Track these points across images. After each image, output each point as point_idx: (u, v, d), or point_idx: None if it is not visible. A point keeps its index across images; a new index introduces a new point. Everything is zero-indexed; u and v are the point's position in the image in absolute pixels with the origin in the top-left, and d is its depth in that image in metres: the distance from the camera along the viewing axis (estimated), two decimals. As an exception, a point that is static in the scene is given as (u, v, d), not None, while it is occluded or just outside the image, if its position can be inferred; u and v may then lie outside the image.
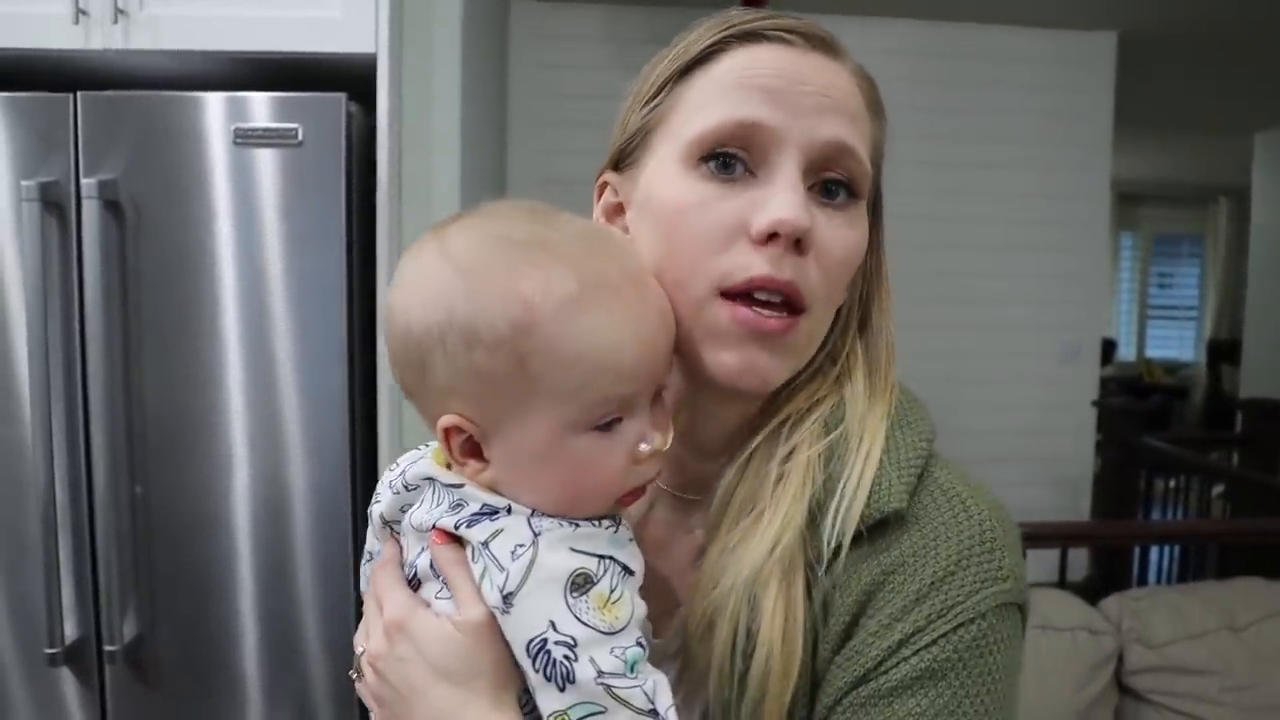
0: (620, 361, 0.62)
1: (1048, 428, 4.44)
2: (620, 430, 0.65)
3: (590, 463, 0.64)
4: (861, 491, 0.67)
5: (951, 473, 0.71)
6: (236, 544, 1.90)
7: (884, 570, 0.66)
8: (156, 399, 1.86)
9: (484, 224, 0.66)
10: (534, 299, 0.61)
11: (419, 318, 0.64)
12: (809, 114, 0.68)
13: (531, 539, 0.63)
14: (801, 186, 0.67)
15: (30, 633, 1.86)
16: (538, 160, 3.94)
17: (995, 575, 0.65)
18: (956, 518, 0.67)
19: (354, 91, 1.88)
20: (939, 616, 0.63)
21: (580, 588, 0.62)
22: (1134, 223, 9.28)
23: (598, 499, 0.66)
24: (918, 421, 0.73)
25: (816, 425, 0.72)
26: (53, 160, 1.80)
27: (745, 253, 0.66)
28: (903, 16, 4.12)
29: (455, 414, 0.65)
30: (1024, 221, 4.34)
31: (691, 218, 0.68)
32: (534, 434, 0.63)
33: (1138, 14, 4.08)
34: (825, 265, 0.68)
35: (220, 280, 1.85)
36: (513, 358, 0.61)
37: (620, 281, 0.64)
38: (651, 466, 0.67)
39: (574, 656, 0.60)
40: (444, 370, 0.63)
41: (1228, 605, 2.24)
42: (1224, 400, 7.90)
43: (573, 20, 3.98)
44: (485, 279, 0.62)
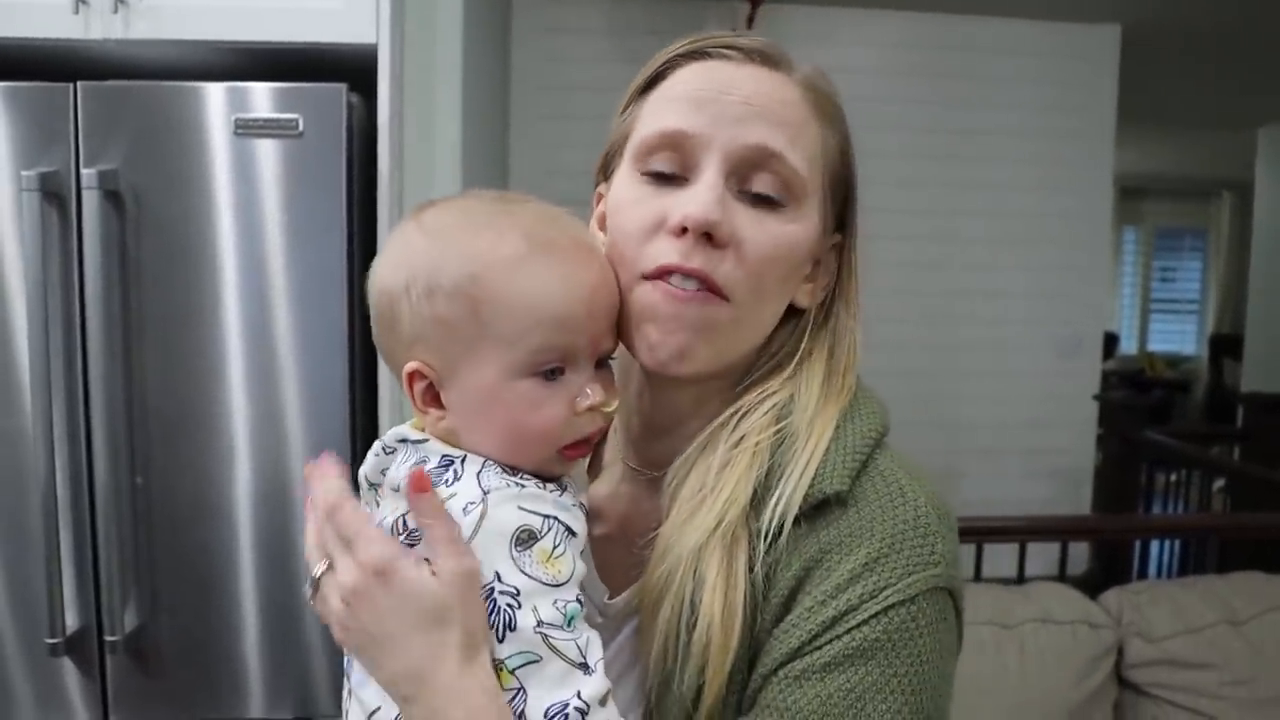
0: (560, 311, 0.70)
1: (1049, 421, 4.44)
2: (562, 381, 0.72)
3: (532, 407, 0.71)
4: (807, 474, 0.71)
5: (896, 462, 0.75)
6: (237, 534, 1.90)
7: (821, 548, 0.70)
8: (157, 389, 1.86)
9: (455, 201, 0.76)
10: (487, 252, 0.70)
11: (390, 274, 0.73)
12: (731, 121, 0.74)
13: (481, 497, 0.68)
14: (719, 186, 0.73)
15: (31, 623, 1.86)
16: (540, 152, 3.94)
17: (928, 560, 0.69)
18: (894, 501, 0.71)
19: (355, 82, 1.88)
20: (871, 597, 0.67)
21: (524, 543, 0.67)
22: (1137, 217, 9.27)
23: (540, 446, 0.72)
24: (870, 415, 0.78)
25: (768, 415, 0.77)
26: (53, 150, 1.80)
27: (663, 243, 0.74)
28: (904, 9, 4.11)
29: (417, 360, 0.72)
30: (1026, 215, 4.33)
31: (627, 212, 0.77)
32: (483, 377, 0.71)
33: (1141, 7, 4.07)
34: (746, 258, 0.73)
35: (221, 271, 1.85)
36: (466, 304, 0.69)
37: (567, 247, 0.72)
38: (591, 421, 0.73)
39: (517, 604, 0.66)
40: (408, 320, 0.72)
41: (1227, 599, 2.24)
42: (1226, 394, 7.90)
43: (575, 12, 3.97)
44: (447, 239, 0.72)
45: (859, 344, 0.82)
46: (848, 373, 0.80)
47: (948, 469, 4.13)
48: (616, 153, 0.82)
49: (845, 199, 0.82)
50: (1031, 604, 2.19)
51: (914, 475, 0.74)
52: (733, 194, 0.74)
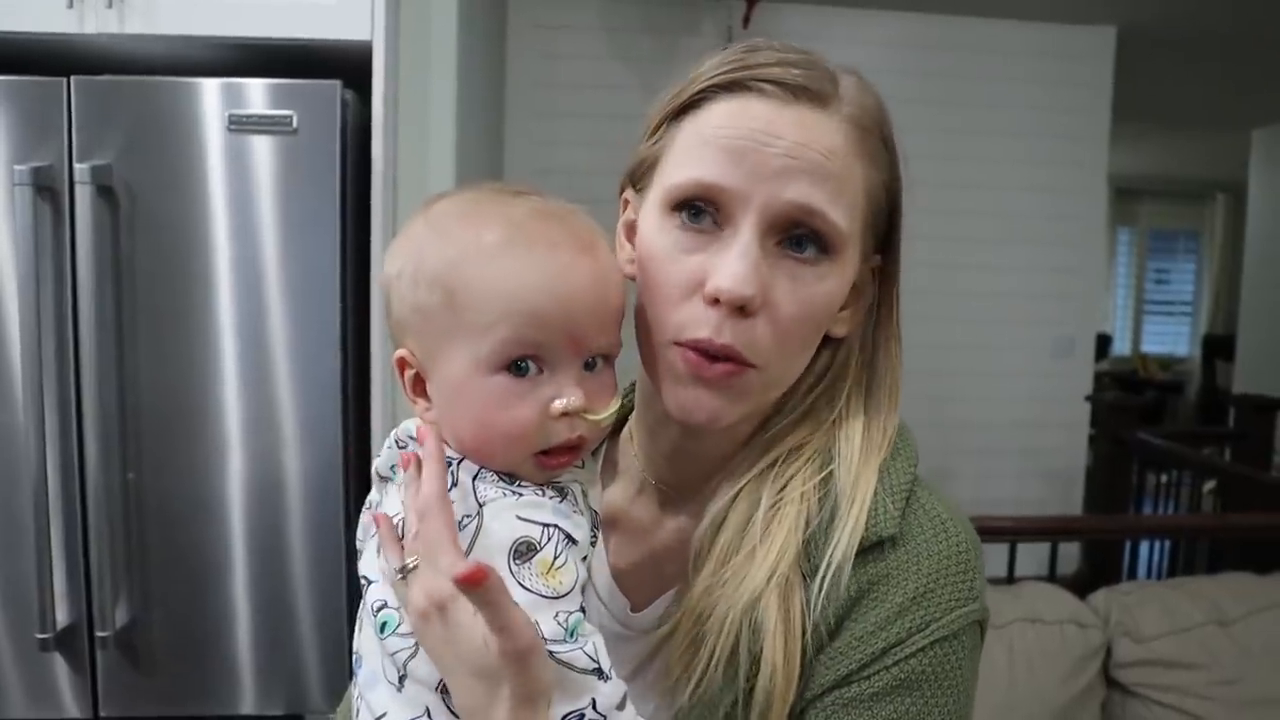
0: (531, 304, 0.67)
1: (1041, 421, 4.45)
2: (537, 381, 0.69)
3: (501, 405, 0.69)
4: (859, 522, 0.72)
5: (933, 495, 0.76)
6: (229, 530, 1.90)
7: (870, 580, 0.71)
8: (150, 385, 1.86)
9: (469, 191, 0.75)
10: (469, 240, 0.69)
11: (389, 261, 0.74)
12: (771, 176, 0.70)
13: (476, 510, 0.68)
14: (754, 251, 0.70)
15: (22, 618, 1.86)
16: (535, 150, 3.94)
17: (968, 595, 0.72)
18: (937, 537, 0.73)
19: (349, 79, 1.88)
20: (918, 631, 0.70)
21: (524, 555, 0.66)
22: (1131, 218, 9.28)
23: (509, 448, 0.70)
24: (905, 449, 0.79)
25: (811, 464, 0.77)
26: (46, 145, 1.80)
27: (697, 309, 0.71)
28: (900, 9, 4.11)
29: (404, 348, 0.73)
30: (1020, 216, 4.34)
31: (661, 267, 0.73)
32: (454, 369, 0.70)
33: (1136, 9, 4.08)
34: (778, 322, 0.71)
35: (214, 267, 1.85)
36: (442, 292, 0.69)
37: (558, 242, 0.69)
38: (566, 427, 0.70)
39: None
40: (398, 307, 0.72)
41: (1216, 600, 2.25)
42: (1218, 395, 7.91)
43: (570, 10, 3.97)
44: (442, 227, 0.71)
45: (900, 373, 0.81)
46: (890, 412, 0.80)
47: (940, 468, 4.14)
48: (646, 172, 0.79)
49: (890, 224, 0.79)
50: (1020, 604, 2.20)
51: (950, 507, 0.76)
52: (769, 250, 0.72)
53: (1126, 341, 9.52)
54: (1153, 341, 9.58)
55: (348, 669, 1.92)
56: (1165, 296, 9.61)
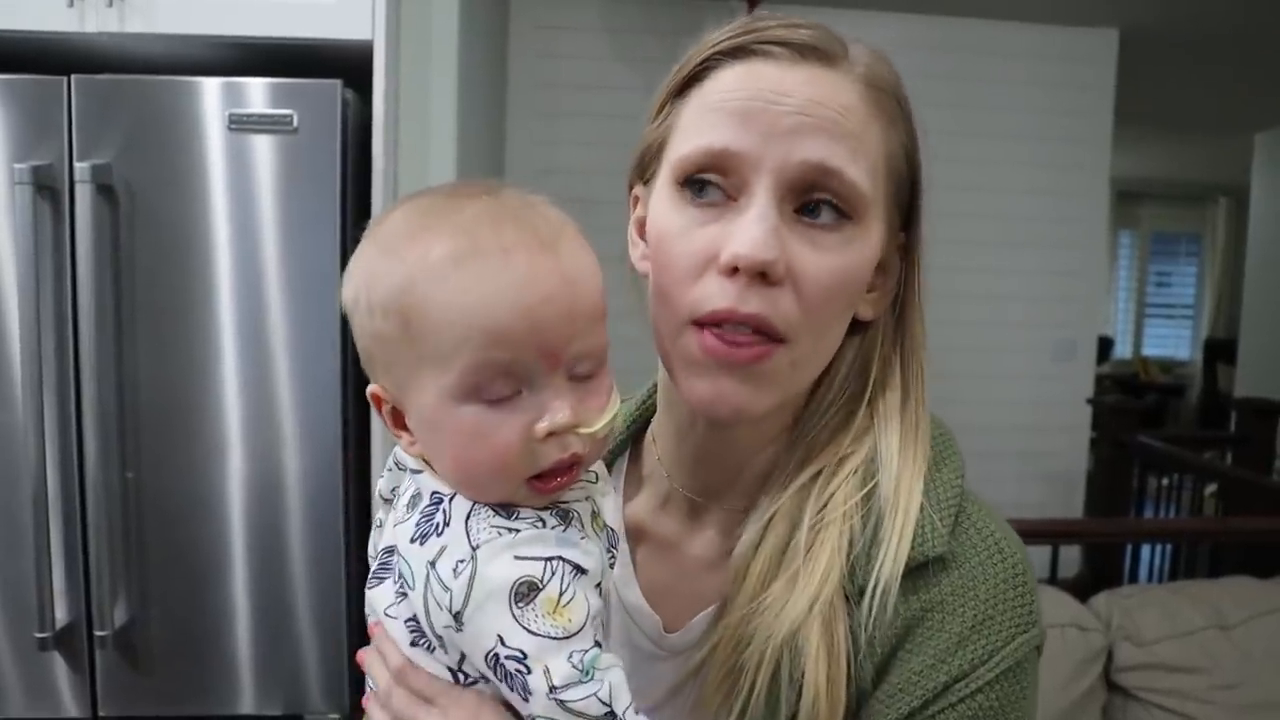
0: (493, 323, 0.60)
1: (1042, 424, 4.44)
2: (515, 404, 0.62)
3: (478, 435, 0.62)
4: (905, 539, 0.67)
5: (983, 511, 0.72)
6: (228, 529, 1.90)
7: (923, 606, 0.67)
8: (149, 384, 1.86)
9: (414, 199, 0.67)
10: (417, 259, 0.61)
11: (345, 287, 0.67)
12: (783, 136, 0.65)
13: (470, 554, 0.61)
14: (771, 215, 0.65)
15: (21, 617, 1.85)
16: (535, 150, 3.94)
17: (1028, 620, 0.68)
18: (992, 558, 0.68)
19: (350, 79, 1.88)
20: (981, 663, 0.66)
21: (525, 596, 0.60)
22: (1132, 221, 9.28)
23: (495, 480, 0.63)
24: (951, 458, 0.74)
25: (852, 479, 0.72)
26: (46, 144, 1.79)
27: (714, 283, 0.66)
28: (902, 11, 4.11)
29: (377, 382, 0.67)
30: (1022, 218, 4.34)
31: (672, 245, 0.69)
32: (426, 402, 0.63)
33: (1140, 11, 4.08)
34: (804, 293, 0.66)
35: (214, 266, 1.85)
36: (399, 319, 0.62)
37: (513, 247, 0.61)
38: (557, 447, 0.63)
39: (527, 669, 0.59)
40: (359, 337, 0.66)
41: (1217, 604, 2.24)
42: (1219, 399, 7.91)
43: (571, 10, 3.97)
44: (389, 245, 0.64)
45: (924, 361, 0.77)
46: (921, 405, 0.75)
47: (941, 471, 4.13)
48: (653, 159, 0.74)
49: (912, 196, 0.75)
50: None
51: (1000, 523, 0.72)
52: (788, 216, 0.66)
53: (1128, 345, 9.52)
54: (1154, 345, 9.57)
55: (345, 669, 1.92)
56: (1167, 300, 9.61)
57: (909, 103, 0.73)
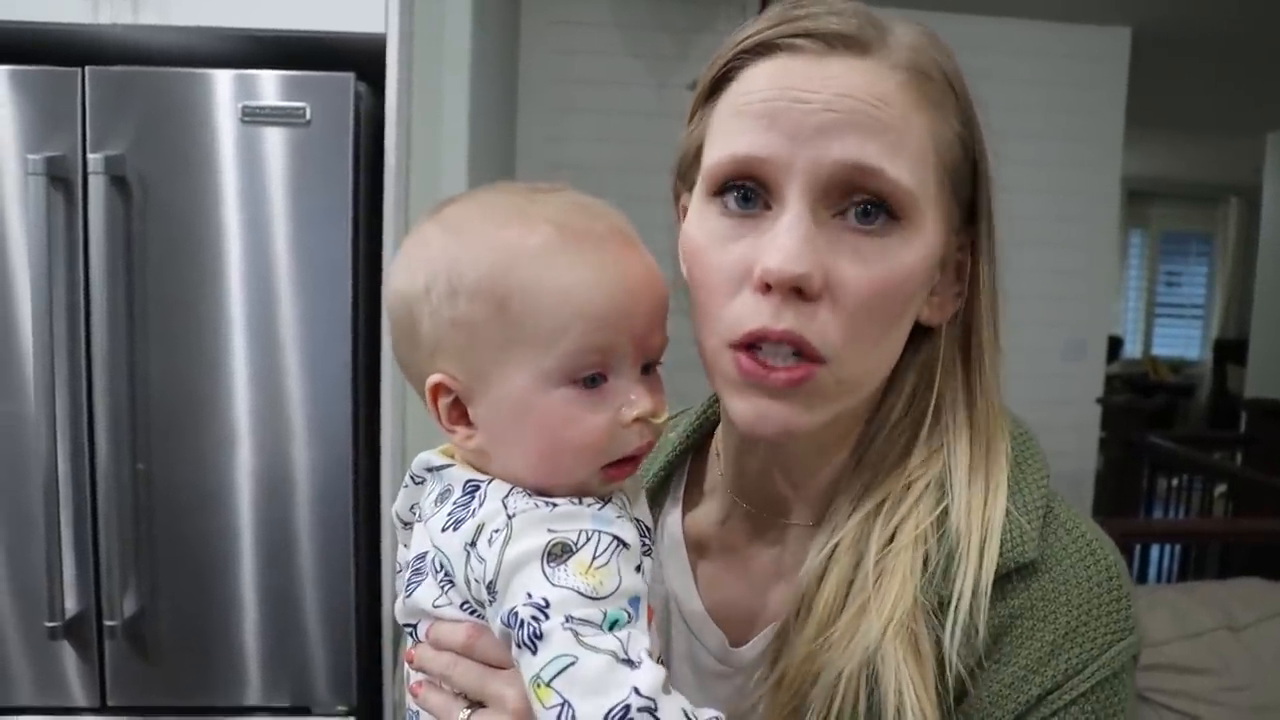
0: (598, 306, 0.61)
1: (1051, 423, 4.41)
2: (604, 389, 0.63)
3: (570, 420, 0.63)
4: (991, 548, 0.64)
5: (1072, 511, 0.69)
6: (238, 521, 1.90)
7: (1011, 613, 0.64)
8: (160, 376, 1.86)
9: (479, 194, 0.68)
10: (514, 242, 0.62)
11: (407, 278, 0.65)
12: (812, 136, 0.61)
13: (505, 523, 0.60)
14: (803, 224, 0.61)
15: (31, 606, 1.86)
16: (546, 145, 3.93)
17: (1125, 627, 0.64)
18: (1084, 561, 0.65)
19: (363, 72, 1.88)
20: (1075, 673, 0.62)
21: (558, 556, 0.58)
22: (1143, 220, 9.25)
23: (579, 462, 0.63)
24: (1034, 458, 0.71)
25: (923, 503, 0.68)
26: (60, 135, 1.80)
27: (749, 301, 0.62)
28: (912, 8, 4.09)
29: (440, 372, 0.65)
30: (1032, 217, 4.32)
31: (706, 260, 0.66)
32: (514, 386, 0.63)
33: (1152, 10, 4.05)
34: (845, 306, 0.62)
35: (226, 258, 1.85)
36: (493, 302, 0.61)
37: (606, 237, 0.63)
38: (637, 434, 0.64)
39: (544, 616, 0.57)
40: (429, 326, 0.64)
41: (1227, 605, 2.24)
42: (1229, 399, 7.87)
43: (584, 6, 3.96)
44: (470, 232, 0.64)
45: (1000, 364, 0.73)
46: (999, 413, 0.71)
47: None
48: (690, 165, 0.71)
49: (974, 187, 0.70)
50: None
51: (1091, 524, 0.68)
52: (826, 223, 0.62)
53: (1137, 344, 9.49)
54: (1164, 344, 9.54)
55: (353, 662, 1.92)
56: (1177, 299, 9.57)
57: (964, 85, 0.68)
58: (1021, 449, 0.71)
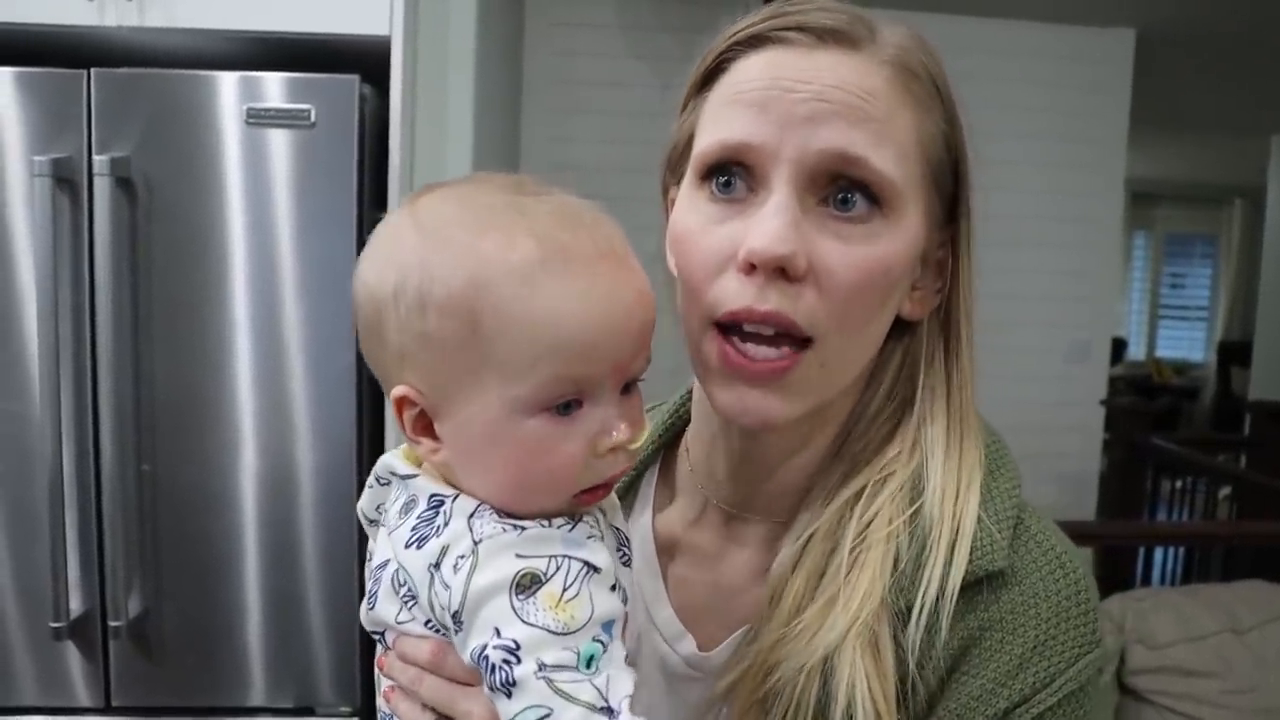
0: (580, 337, 0.57)
1: (1055, 425, 4.42)
2: (579, 417, 0.59)
3: (542, 449, 0.59)
4: (961, 552, 0.64)
5: (1043, 523, 0.69)
6: (242, 522, 1.90)
7: (981, 625, 0.64)
8: (165, 377, 1.87)
9: (460, 189, 0.63)
10: (492, 256, 0.57)
11: (376, 276, 0.61)
12: (801, 124, 0.62)
13: (471, 548, 0.57)
14: (790, 207, 0.62)
15: (36, 606, 1.87)
16: (550, 146, 3.93)
17: (1092, 640, 0.64)
18: (1054, 575, 0.65)
19: (367, 74, 1.88)
20: (1044, 687, 0.62)
21: (526, 589, 0.56)
22: (1147, 222, 9.24)
23: (550, 492, 0.60)
24: (1007, 466, 0.71)
25: (898, 497, 0.67)
26: (65, 136, 1.80)
27: (733, 281, 0.63)
28: (917, 10, 4.09)
29: (407, 384, 0.61)
30: (1036, 218, 4.31)
31: (692, 243, 0.66)
32: (483, 411, 0.59)
33: (1156, 11, 4.05)
34: (829, 289, 0.62)
35: (230, 260, 1.85)
36: (465, 321, 0.57)
37: (592, 256, 0.58)
38: (614, 462, 0.61)
39: (516, 660, 0.55)
40: (396, 334, 0.60)
41: (1231, 608, 2.24)
42: (1233, 402, 7.86)
43: (587, 7, 3.97)
44: (446, 237, 0.59)
45: (972, 361, 0.72)
46: (967, 409, 0.71)
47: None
48: (680, 158, 0.72)
49: (956, 186, 0.71)
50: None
51: (1061, 536, 0.68)
52: (811, 209, 0.63)
53: (1141, 346, 9.48)
54: (1167, 346, 9.53)
55: (356, 663, 1.93)
56: (1181, 301, 9.56)
57: (949, 86, 0.70)
58: (995, 458, 0.71)
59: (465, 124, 2.16)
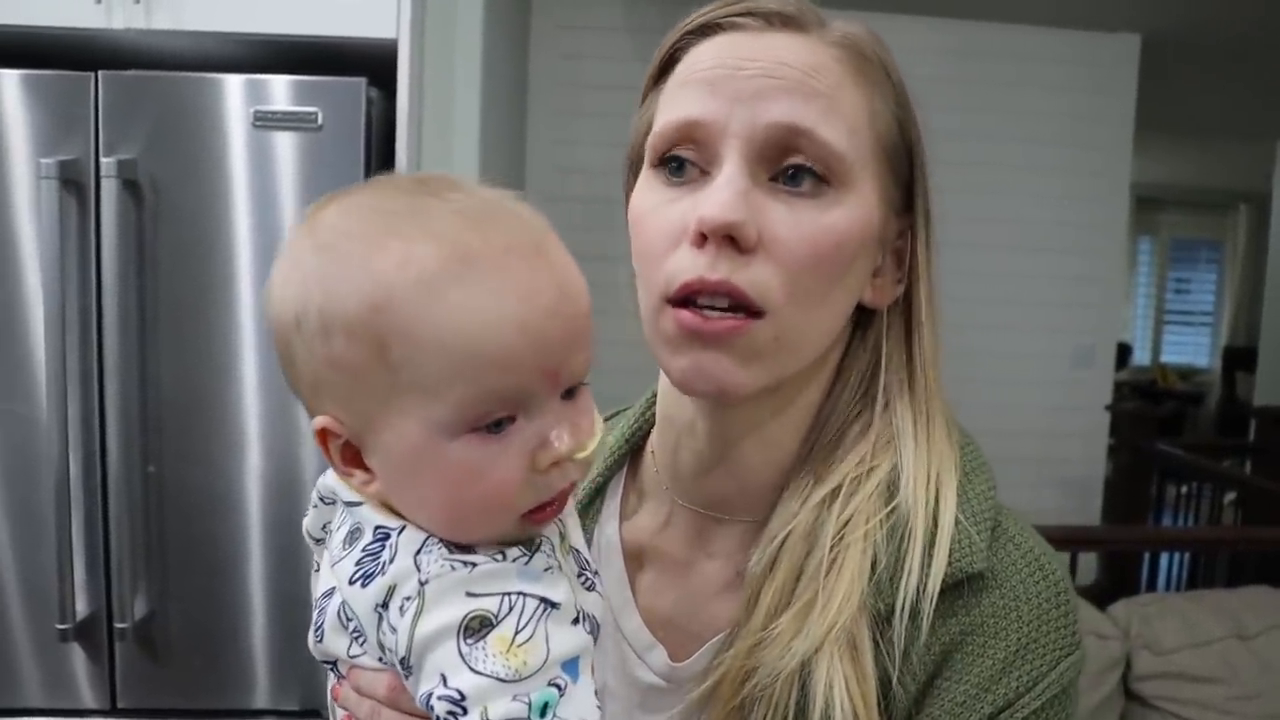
0: (496, 348, 0.52)
1: (1060, 430, 4.42)
2: (513, 433, 0.54)
3: (474, 474, 0.54)
4: (940, 554, 0.63)
5: (1020, 526, 0.68)
6: (248, 524, 1.91)
7: (963, 629, 0.63)
8: (171, 379, 1.87)
9: (359, 197, 0.58)
10: (389, 273, 0.52)
11: (279, 301, 0.57)
12: (749, 100, 0.62)
13: (417, 590, 0.54)
14: (739, 180, 0.62)
15: (42, 608, 1.87)
16: (556, 150, 3.94)
17: (1073, 642, 0.64)
18: (1034, 577, 0.65)
19: (374, 77, 1.88)
20: (1027, 690, 0.62)
21: (475, 632, 0.52)
22: (1152, 227, 9.22)
23: (489, 519, 0.56)
24: (982, 469, 0.70)
25: (875, 496, 0.66)
26: (73, 139, 1.81)
27: (685, 255, 0.63)
28: (922, 15, 4.10)
29: (326, 414, 0.56)
30: (1041, 223, 4.31)
31: (645, 225, 0.66)
32: (406, 438, 0.54)
33: (1161, 17, 4.05)
34: (780, 259, 0.62)
35: (237, 262, 1.85)
36: (370, 345, 0.52)
37: (503, 255, 0.53)
38: (561, 475, 0.56)
39: (461, 710, 0.51)
40: (304, 361, 0.56)
41: (1237, 614, 2.23)
42: (1238, 407, 7.85)
43: (593, 10, 3.97)
44: (342, 253, 0.54)
45: (936, 361, 0.72)
46: (932, 405, 0.70)
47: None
48: (638, 153, 0.71)
49: (911, 172, 0.70)
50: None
51: (1038, 538, 0.68)
52: (763, 184, 0.63)
53: (1146, 351, 9.47)
54: (1173, 352, 9.51)
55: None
56: (1186, 307, 9.54)
57: (901, 77, 0.69)
58: (969, 461, 0.70)
59: (472, 126, 2.16)
